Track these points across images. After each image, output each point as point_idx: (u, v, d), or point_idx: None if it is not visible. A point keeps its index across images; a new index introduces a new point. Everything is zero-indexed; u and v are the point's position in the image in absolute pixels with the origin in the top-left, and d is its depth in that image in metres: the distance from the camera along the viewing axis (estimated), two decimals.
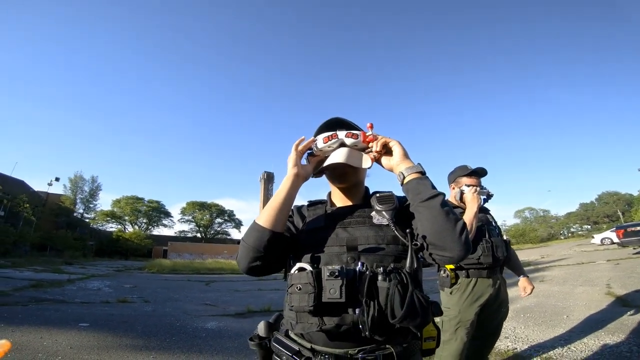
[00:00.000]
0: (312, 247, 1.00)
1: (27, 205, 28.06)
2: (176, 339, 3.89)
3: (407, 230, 0.92)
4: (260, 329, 1.05)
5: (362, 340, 0.87)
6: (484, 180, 2.38)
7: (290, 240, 1.06)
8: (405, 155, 1.03)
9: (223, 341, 3.89)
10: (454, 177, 2.41)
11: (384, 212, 0.99)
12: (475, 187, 2.22)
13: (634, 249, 13.92)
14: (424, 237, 0.91)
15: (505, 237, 2.40)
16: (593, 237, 23.25)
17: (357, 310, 0.85)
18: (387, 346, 0.89)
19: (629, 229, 13.74)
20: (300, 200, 1.14)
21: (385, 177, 1.10)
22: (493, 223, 2.40)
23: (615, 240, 15.51)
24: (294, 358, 0.91)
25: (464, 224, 0.91)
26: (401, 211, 1.03)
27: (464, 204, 2.22)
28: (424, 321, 0.85)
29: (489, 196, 2.32)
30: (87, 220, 48.01)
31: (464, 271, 2.24)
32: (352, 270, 0.89)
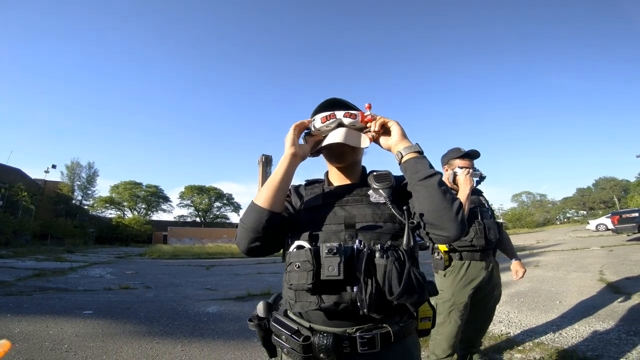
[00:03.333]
0: (310, 225, 1.00)
1: (25, 193, 27.99)
2: (178, 324, 3.98)
3: (404, 208, 0.92)
4: (259, 309, 1.07)
5: (360, 319, 0.89)
6: (476, 162, 2.38)
7: (289, 219, 1.06)
8: (404, 135, 1.04)
9: (224, 325, 3.98)
10: (447, 159, 2.42)
11: (380, 191, 1.01)
12: (468, 170, 2.23)
13: (628, 235, 14.11)
14: (420, 216, 0.92)
15: (499, 220, 2.41)
16: (588, 223, 23.47)
17: (355, 288, 0.86)
18: (384, 325, 0.91)
19: (624, 216, 13.88)
20: (297, 180, 1.14)
21: (383, 157, 1.11)
22: (486, 205, 2.41)
23: (610, 226, 15.65)
24: (293, 337, 0.91)
25: (461, 203, 0.91)
26: (398, 190, 1.04)
27: (457, 186, 2.24)
28: (421, 298, 0.87)
29: (481, 178, 2.33)
30: (85, 207, 48.12)
31: (457, 253, 2.25)
32: (350, 247, 0.90)
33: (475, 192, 2.38)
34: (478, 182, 2.35)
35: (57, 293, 5.83)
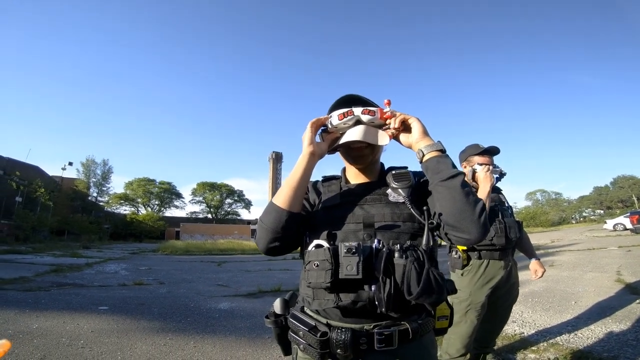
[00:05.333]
0: (329, 224, 0.99)
1: (43, 190, 28.72)
2: (191, 320, 4.04)
3: (424, 208, 0.92)
4: (276, 306, 1.06)
5: (377, 317, 0.89)
6: (496, 159, 2.31)
7: (307, 217, 1.06)
8: (425, 133, 1.00)
9: (236, 321, 4.03)
10: (465, 155, 2.35)
11: (400, 190, 0.99)
12: (487, 166, 2.16)
13: None
14: (440, 216, 0.90)
15: (517, 219, 2.35)
16: (605, 222, 22.97)
17: (373, 287, 0.85)
18: (402, 322, 0.90)
19: None
20: (313, 176, 1.12)
21: (401, 153, 1.08)
22: (506, 203, 2.35)
23: (629, 226, 15.33)
24: (310, 333, 0.91)
25: (484, 205, 0.89)
26: (417, 188, 1.02)
27: (477, 183, 2.17)
28: (440, 298, 0.85)
29: (501, 175, 2.28)
30: (101, 204, 49.10)
31: (476, 252, 2.20)
32: (368, 247, 0.89)
33: (494, 190, 2.32)
34: (498, 179, 2.29)
35: (74, 289, 5.98)
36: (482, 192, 2.07)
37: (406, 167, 1.09)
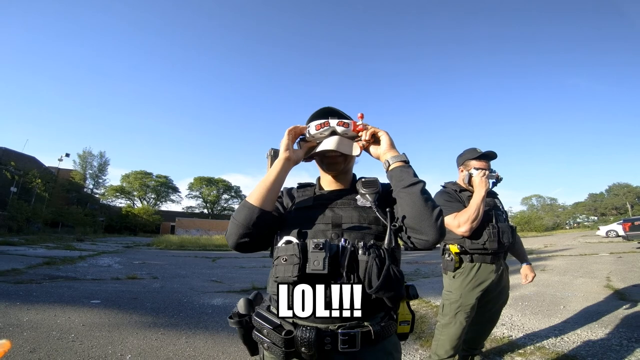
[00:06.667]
0: (299, 224, 1.05)
1: (39, 180, 28.54)
2: (183, 315, 4.05)
3: (388, 210, 0.98)
4: (240, 306, 1.09)
5: (342, 317, 0.91)
6: (493, 164, 2.35)
7: (278, 219, 1.11)
8: (392, 145, 1.10)
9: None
10: (462, 159, 2.38)
11: (367, 195, 1.07)
12: (484, 171, 2.19)
13: (639, 243, 13.86)
14: (403, 220, 0.97)
15: (511, 223, 2.38)
16: (599, 229, 23.12)
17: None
18: (365, 324, 0.94)
19: (636, 223, 13.55)
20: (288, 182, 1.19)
21: (372, 165, 1.12)
22: (501, 208, 2.37)
23: (621, 233, 15.40)
24: (275, 331, 0.93)
25: (441, 210, 0.97)
26: (384, 196, 1.10)
27: (472, 187, 2.21)
28: (398, 293, 0.91)
29: (498, 180, 2.32)
30: (96, 196, 48.87)
31: (468, 255, 2.24)
32: (335, 245, 0.95)
33: (490, 194, 2.34)
34: (494, 184, 2.34)
35: (66, 282, 5.97)
36: (477, 196, 2.10)
37: (375, 178, 1.16)
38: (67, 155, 37.46)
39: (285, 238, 1.00)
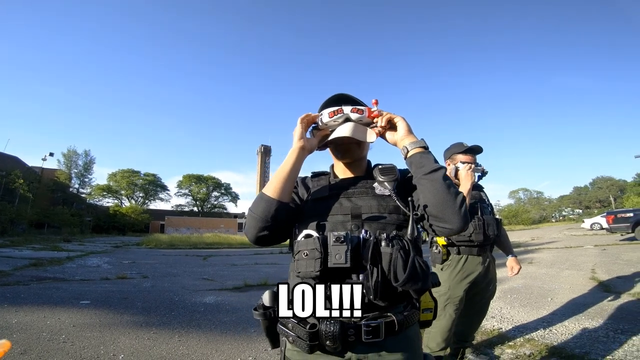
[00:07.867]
0: (317, 215, 1.02)
1: (22, 181, 27.86)
2: (175, 314, 4.02)
3: (409, 199, 0.96)
4: (265, 298, 1.06)
5: (365, 308, 0.90)
6: (479, 158, 2.40)
7: (296, 210, 1.08)
8: (410, 131, 1.06)
9: (221, 315, 4.02)
10: (449, 153, 2.43)
11: (385, 183, 1.04)
12: (470, 165, 2.24)
13: (622, 235, 14.21)
14: (425, 208, 0.95)
15: (497, 216, 2.45)
16: (583, 222, 23.63)
17: (361, 276, 0.89)
18: (389, 314, 0.93)
19: (619, 215, 13.91)
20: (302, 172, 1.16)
21: (388, 152, 1.11)
22: (486, 201, 2.44)
23: (605, 225, 15.75)
24: (300, 325, 0.93)
25: (464, 197, 0.94)
26: (402, 183, 1.07)
27: (459, 180, 2.26)
28: (425, 285, 0.90)
29: (483, 173, 2.37)
30: (83, 196, 47.99)
31: (455, 248, 2.30)
32: (356, 237, 0.92)
33: (476, 188, 2.41)
34: (480, 178, 2.39)
35: (54, 283, 5.86)
36: (463, 189, 2.14)
37: (393, 165, 1.13)
38: (51, 154, 36.62)
39: (305, 232, 0.98)
